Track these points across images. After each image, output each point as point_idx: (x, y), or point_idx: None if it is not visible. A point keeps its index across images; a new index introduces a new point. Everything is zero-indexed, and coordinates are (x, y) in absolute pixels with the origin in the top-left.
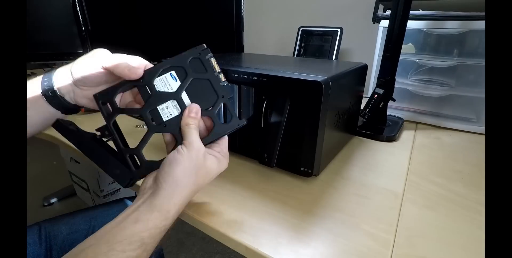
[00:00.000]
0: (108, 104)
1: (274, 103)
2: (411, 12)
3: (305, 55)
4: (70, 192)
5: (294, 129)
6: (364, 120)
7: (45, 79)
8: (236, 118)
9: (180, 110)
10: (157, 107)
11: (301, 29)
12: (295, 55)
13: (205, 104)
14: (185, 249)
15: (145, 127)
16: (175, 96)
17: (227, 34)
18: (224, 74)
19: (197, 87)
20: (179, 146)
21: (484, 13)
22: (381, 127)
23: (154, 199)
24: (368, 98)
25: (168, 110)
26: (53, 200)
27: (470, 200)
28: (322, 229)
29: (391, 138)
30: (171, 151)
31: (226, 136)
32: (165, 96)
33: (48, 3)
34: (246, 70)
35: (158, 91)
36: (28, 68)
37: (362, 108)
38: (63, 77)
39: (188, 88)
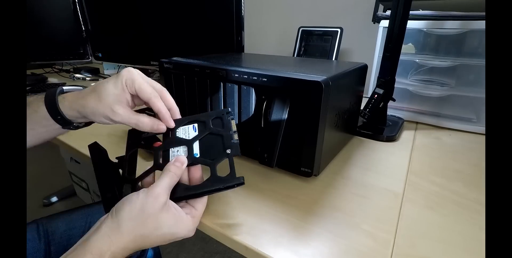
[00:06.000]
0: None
1: (274, 103)
2: (411, 12)
3: (305, 55)
4: (70, 192)
5: (294, 129)
6: (364, 120)
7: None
8: (233, 175)
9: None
10: (170, 149)
11: (301, 29)
12: (295, 55)
13: (210, 155)
14: (185, 249)
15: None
16: (188, 143)
17: (227, 34)
18: (224, 74)
19: (210, 140)
20: (142, 189)
21: (484, 13)
22: (381, 127)
23: (93, 235)
24: (368, 98)
25: (177, 154)
26: (53, 200)
27: (470, 200)
28: (322, 229)
29: (391, 138)
30: None
31: (204, 201)
32: (180, 142)
33: (48, 3)
34: (246, 70)
35: (177, 137)
36: (28, 68)
37: (362, 108)
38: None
39: (202, 139)
